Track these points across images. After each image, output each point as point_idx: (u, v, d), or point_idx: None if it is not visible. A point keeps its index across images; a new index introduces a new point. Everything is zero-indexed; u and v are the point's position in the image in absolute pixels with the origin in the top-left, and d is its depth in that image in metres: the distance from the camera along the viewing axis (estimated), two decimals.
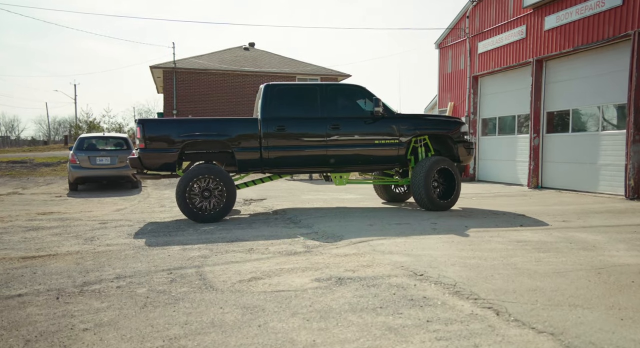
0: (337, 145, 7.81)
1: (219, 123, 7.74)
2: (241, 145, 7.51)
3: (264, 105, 7.64)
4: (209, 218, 7.20)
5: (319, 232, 6.30)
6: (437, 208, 8.02)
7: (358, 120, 7.89)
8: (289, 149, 7.67)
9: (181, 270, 4.48)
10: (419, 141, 8.32)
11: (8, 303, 3.53)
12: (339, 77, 30.65)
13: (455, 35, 17.55)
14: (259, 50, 33.64)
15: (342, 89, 8.06)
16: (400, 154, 8.09)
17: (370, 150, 7.98)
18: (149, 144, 7.30)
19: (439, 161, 7.99)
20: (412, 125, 8.13)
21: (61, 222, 7.45)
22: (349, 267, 4.53)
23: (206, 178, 7.19)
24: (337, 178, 8.26)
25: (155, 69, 27.04)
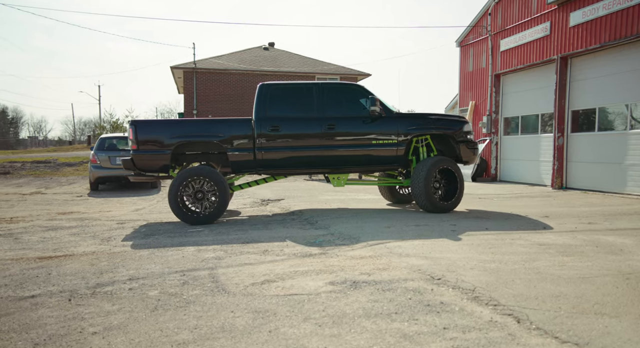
0: (333, 146, 7.60)
1: (211, 124, 7.67)
2: (234, 146, 7.39)
3: (257, 105, 7.54)
4: (201, 220, 7.09)
5: (335, 234, 6.21)
6: (438, 210, 7.74)
7: (355, 120, 7.67)
8: (283, 149, 7.50)
9: (194, 272, 4.43)
10: (421, 141, 8.07)
11: (21, 304, 3.52)
12: (359, 76, 30.48)
13: (477, 33, 17.25)
14: (278, 50, 33.69)
15: (340, 88, 7.84)
16: (399, 155, 7.83)
17: (368, 151, 7.72)
18: (142, 146, 7.24)
19: (439, 161, 7.71)
20: (412, 125, 7.85)
21: (80, 222, 7.51)
22: (365, 270, 4.42)
23: (198, 180, 7.11)
24: (334, 180, 8.00)
25: (176, 70, 27.29)
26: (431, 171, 7.63)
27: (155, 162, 7.30)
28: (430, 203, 7.71)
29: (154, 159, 7.29)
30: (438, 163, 7.70)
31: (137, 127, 7.27)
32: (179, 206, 7.06)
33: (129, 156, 7.33)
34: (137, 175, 7.66)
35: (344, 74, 29.94)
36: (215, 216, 7.16)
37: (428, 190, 7.64)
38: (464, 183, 8.07)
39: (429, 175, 7.62)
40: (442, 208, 7.77)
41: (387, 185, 8.90)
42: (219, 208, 7.15)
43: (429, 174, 7.63)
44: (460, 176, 7.87)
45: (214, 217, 7.15)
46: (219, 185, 7.11)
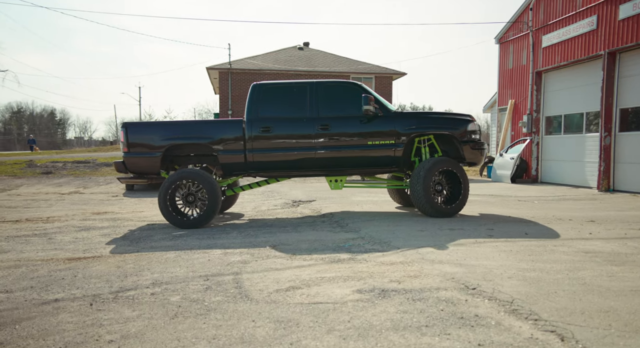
0: (326, 147, 7.29)
1: (201, 125, 7.54)
2: (224, 147, 7.22)
3: (249, 106, 7.35)
4: (190, 224, 6.95)
5: (366, 237, 6.00)
6: (439, 214, 7.32)
7: (351, 120, 7.34)
8: (274, 151, 7.27)
9: (219, 276, 4.32)
10: (423, 141, 7.67)
11: (43, 308, 3.49)
12: (394, 75, 30.06)
13: (517, 29, 16.63)
14: (313, 49, 33.62)
15: (335, 87, 7.52)
16: (397, 156, 7.43)
17: (363, 152, 7.35)
18: (133, 148, 7.18)
19: (440, 162, 7.28)
20: (410, 125, 7.44)
21: (112, 222, 7.57)
22: (394, 278, 4.21)
23: (188, 183, 7.00)
24: (332, 183, 7.69)
25: (211, 70, 27.60)
26: (431, 173, 7.20)
27: (145, 164, 7.22)
28: (430, 207, 7.28)
29: (144, 161, 7.21)
30: (438, 164, 7.25)
31: (127, 129, 7.22)
32: (168, 209, 6.95)
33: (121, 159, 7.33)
34: (127, 178, 7.57)
35: (378, 73, 29.59)
36: (204, 219, 6.98)
37: (427, 193, 7.21)
38: (469, 185, 7.57)
39: (428, 177, 7.18)
40: (444, 212, 7.33)
41: (388, 187, 8.45)
42: (208, 212, 6.97)
43: (428, 175, 7.19)
44: (464, 178, 7.40)
45: (203, 220, 6.98)
46: (208, 188, 6.94)
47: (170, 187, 6.95)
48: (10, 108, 74.44)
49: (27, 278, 4.32)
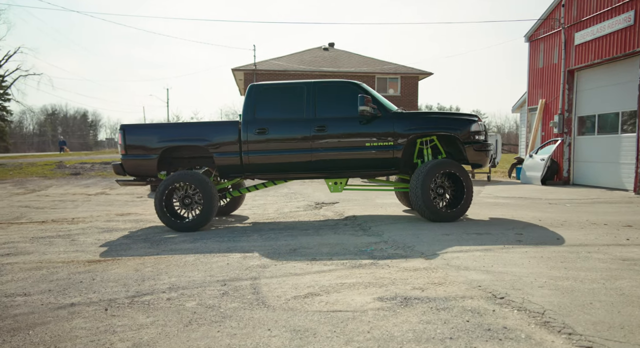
0: (323, 149, 7.10)
1: (197, 127, 7.44)
2: (220, 149, 7.11)
3: (245, 107, 7.23)
4: (186, 226, 6.87)
5: (389, 241, 5.83)
6: (439, 218, 7.02)
7: (349, 121, 7.10)
8: (270, 153, 7.13)
9: (236, 281, 4.23)
10: (425, 142, 7.37)
11: (58, 313, 3.45)
12: (420, 75, 29.68)
13: (548, 27, 16.14)
14: (338, 50, 33.50)
15: (333, 87, 7.31)
16: (395, 157, 7.14)
17: (361, 154, 7.12)
18: (130, 150, 7.15)
19: (441, 164, 6.97)
20: (410, 126, 7.15)
21: (135, 224, 7.59)
22: (418, 285, 4.03)
23: (183, 186, 6.93)
24: (331, 185, 7.49)
25: (237, 72, 27.77)
26: (430, 175, 6.91)
27: (142, 166, 7.18)
28: (429, 211, 6.98)
29: (141, 163, 7.17)
30: (439, 166, 6.96)
31: (125, 131, 7.19)
32: (164, 211, 6.89)
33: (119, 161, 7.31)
34: (125, 180, 7.51)
35: (404, 73, 29.26)
36: (200, 222, 6.89)
37: (426, 196, 6.92)
38: (473, 190, 7.18)
39: (426, 179, 6.89)
40: (444, 217, 7.03)
41: (390, 190, 8.17)
42: (203, 214, 6.88)
43: (427, 178, 6.90)
44: (467, 181, 7.07)
45: (199, 223, 6.89)
46: (203, 191, 6.85)
47: (166, 190, 6.89)
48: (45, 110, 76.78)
49: (46, 281, 4.31)
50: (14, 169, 16.24)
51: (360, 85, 7.36)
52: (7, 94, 54.96)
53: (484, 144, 7.27)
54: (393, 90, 29.27)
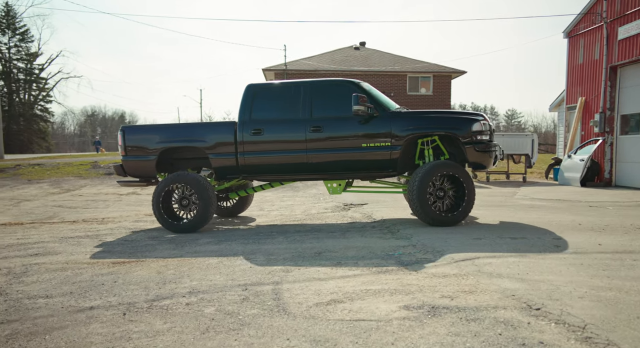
0: (318, 150, 6.93)
1: (194, 128, 7.40)
2: (216, 150, 7.06)
3: (242, 108, 7.12)
4: (182, 228, 6.84)
5: (417, 245, 5.61)
6: (436, 222, 6.69)
7: (345, 121, 6.89)
8: (265, 154, 7.02)
9: (258, 286, 4.12)
10: (427, 143, 7.05)
11: (76, 317, 3.40)
12: (453, 73, 29.11)
13: (589, 21, 15.49)
14: (369, 49, 33.22)
15: (330, 86, 7.10)
16: (393, 158, 6.85)
17: (356, 155, 6.90)
18: (129, 151, 7.21)
19: (439, 166, 6.63)
20: (407, 125, 6.85)
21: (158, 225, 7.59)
22: (447, 293, 3.83)
23: (180, 187, 6.92)
24: (330, 187, 7.28)
25: (267, 72, 27.86)
26: (427, 177, 6.58)
27: (141, 167, 7.21)
28: (425, 214, 6.67)
29: (140, 164, 7.21)
30: (437, 168, 6.62)
31: (125, 132, 7.25)
32: (161, 212, 6.89)
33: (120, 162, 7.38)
34: (126, 181, 7.58)
35: (436, 71, 28.75)
36: (196, 224, 6.86)
37: (422, 199, 6.60)
38: (475, 193, 6.78)
39: (423, 182, 6.58)
40: (441, 221, 6.69)
41: (389, 192, 7.79)
42: (199, 216, 6.84)
43: (424, 180, 6.58)
44: (468, 183, 6.69)
45: (195, 224, 6.86)
46: (199, 192, 6.81)
47: (162, 191, 6.90)
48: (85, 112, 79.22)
49: (69, 282, 4.30)
50: (52, 169, 16.69)
51: (359, 83, 7.14)
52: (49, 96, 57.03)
53: (487, 144, 6.89)
54: (425, 90, 28.80)
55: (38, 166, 17.20)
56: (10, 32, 52.30)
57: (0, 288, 4.13)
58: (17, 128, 52.09)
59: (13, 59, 53.03)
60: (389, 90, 28.18)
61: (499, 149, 7.22)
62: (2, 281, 4.37)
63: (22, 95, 54.92)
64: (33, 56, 54.55)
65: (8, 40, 52.44)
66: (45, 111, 56.84)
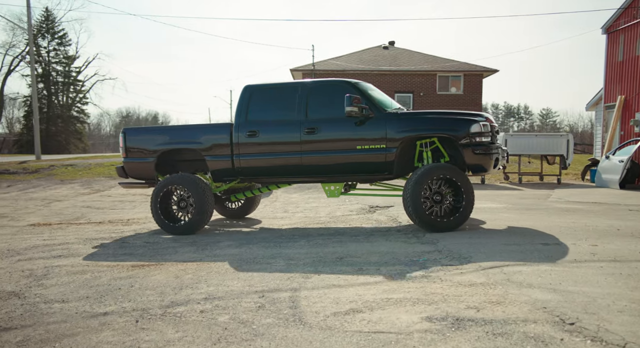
0: (313, 152, 6.77)
1: (190, 130, 7.41)
2: (212, 152, 7.02)
3: (238, 109, 7.05)
4: (180, 230, 6.83)
5: (443, 251, 5.39)
6: (432, 228, 6.38)
7: (340, 123, 6.69)
8: (260, 156, 6.91)
9: (275, 292, 4.00)
10: (425, 145, 6.74)
11: (89, 323, 3.35)
12: (484, 72, 28.47)
13: (630, 16, 14.83)
14: (398, 48, 32.84)
15: (326, 87, 6.92)
16: (388, 161, 6.61)
17: (350, 157, 6.69)
18: (130, 153, 7.30)
19: (435, 169, 6.32)
20: (402, 127, 6.57)
21: None
22: (473, 303, 3.62)
23: (177, 189, 6.93)
24: (328, 190, 7.08)
25: (295, 72, 27.85)
26: (422, 181, 6.29)
27: (141, 168, 7.26)
28: (419, 219, 6.38)
29: (140, 166, 7.26)
30: (433, 171, 6.32)
31: (126, 134, 7.34)
32: (158, 214, 6.91)
33: None
34: (127, 183, 7.64)
35: (467, 70, 28.18)
36: (193, 225, 6.84)
37: (416, 204, 6.30)
38: (474, 196, 6.46)
39: (417, 186, 6.29)
40: (436, 227, 6.38)
41: (387, 196, 7.62)
42: (195, 218, 6.81)
43: (419, 184, 6.29)
44: (466, 187, 6.35)
45: (192, 226, 6.84)
46: (195, 194, 6.78)
47: (160, 193, 6.91)
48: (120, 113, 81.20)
49: (87, 286, 4.28)
50: (83, 169, 17.06)
51: (356, 84, 6.93)
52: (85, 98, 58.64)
53: (487, 146, 6.53)
54: (455, 89, 28.26)
55: (71, 166, 17.62)
56: (49, 36, 53.99)
57: (20, 292, 4.14)
58: (55, 129, 53.71)
59: (52, 62, 54.75)
60: (418, 89, 27.78)
61: (502, 152, 6.87)
62: (22, 284, 4.38)
63: (61, 97, 56.63)
64: (71, 59, 56.19)
65: (47, 44, 54.16)
66: (81, 113, 58.44)
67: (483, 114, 6.80)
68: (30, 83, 34.47)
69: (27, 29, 25.80)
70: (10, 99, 56.15)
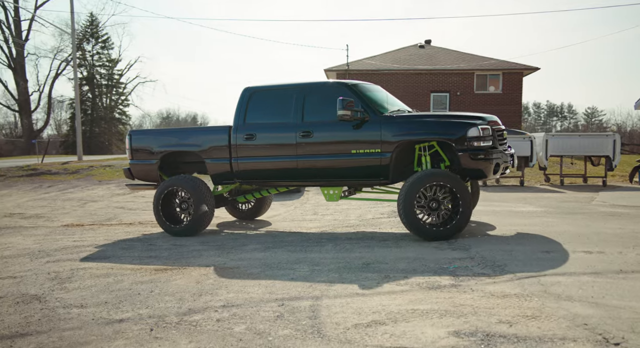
0: (308, 156, 6.62)
1: (191, 132, 7.49)
2: (211, 155, 7.03)
3: (237, 112, 6.99)
4: (180, 231, 6.88)
5: (475, 258, 5.12)
6: (425, 236, 6.06)
7: (336, 126, 6.49)
8: (257, 159, 6.86)
9: (295, 301, 3.85)
10: (424, 149, 6.39)
11: (103, 331, 3.29)
12: (525, 70, 27.58)
13: None
14: (435, 47, 32.24)
15: (322, 89, 6.73)
16: (383, 165, 6.34)
17: (345, 162, 6.49)
18: (135, 155, 7.43)
19: (429, 175, 5.98)
20: (396, 130, 6.26)
21: (213, 229, 7.56)
22: (505, 317, 3.36)
23: (178, 190, 6.97)
24: (327, 194, 6.91)
25: (329, 72, 27.72)
26: (414, 188, 5.98)
27: (145, 171, 7.40)
28: (411, 227, 6.08)
29: (144, 168, 7.40)
30: (426, 177, 5.99)
31: (131, 136, 7.51)
32: (160, 215, 6.99)
33: None
34: (134, 184, 7.77)
35: (506, 69, 27.36)
36: (192, 227, 6.86)
37: (408, 211, 6.01)
38: (470, 203, 6.04)
39: (410, 193, 5.98)
40: (431, 235, 6.04)
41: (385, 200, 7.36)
42: (194, 220, 6.83)
43: (411, 191, 5.98)
44: (462, 194, 5.94)
45: (191, 228, 6.86)
46: (194, 195, 6.80)
47: (161, 195, 6.98)
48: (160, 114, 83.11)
49: (108, 290, 4.25)
50: (120, 170, 17.43)
51: (352, 86, 6.69)
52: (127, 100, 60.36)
53: (486, 150, 6.09)
54: (494, 88, 27.49)
55: (109, 167, 18.05)
56: (93, 40, 55.83)
57: (42, 295, 4.14)
58: (98, 130, 55.45)
59: (95, 65, 56.59)
60: (454, 89, 27.16)
61: (504, 156, 6.38)
62: (46, 287, 4.40)
63: (104, 99, 58.45)
64: (113, 62, 57.93)
65: (92, 47, 56.01)
66: (123, 114, 60.15)
67: (486, 116, 6.37)
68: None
69: (71, 34, 26.68)
70: (57, 102, 58.35)
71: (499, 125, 6.48)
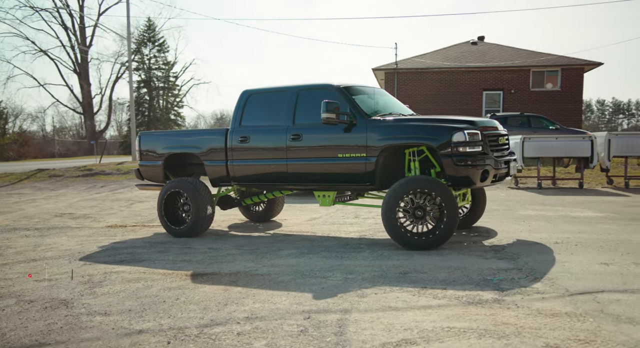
0: (297, 159, 6.56)
1: (190, 134, 7.69)
2: (209, 158, 7.13)
3: (234, 114, 7.07)
4: (180, 233, 6.98)
5: (524, 269, 4.71)
6: (406, 245, 5.74)
7: (324, 129, 6.34)
8: (250, 162, 6.89)
9: (323, 314, 3.63)
10: (413, 154, 6.01)
11: (120, 343, 3.19)
12: (586, 66, 26.02)
13: None
14: (488, 43, 31.06)
15: (314, 92, 6.55)
16: (368, 171, 6.08)
17: (332, 166, 6.35)
18: (143, 156, 7.66)
19: (411, 182, 5.62)
20: (382, 135, 5.95)
21: (251, 231, 7.47)
22: (553, 340, 3.01)
23: (179, 193, 7.03)
24: (320, 198, 6.70)
25: (377, 71, 27.29)
26: (397, 195, 5.64)
27: (152, 172, 7.59)
28: (394, 235, 5.75)
29: (151, 169, 7.59)
30: (410, 184, 5.61)
31: (141, 138, 7.72)
32: (162, 216, 7.13)
33: None
34: (144, 185, 8.00)
35: (565, 64, 25.91)
36: (192, 229, 6.93)
37: (389, 219, 5.68)
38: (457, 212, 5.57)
39: (392, 199, 5.65)
40: (414, 245, 5.65)
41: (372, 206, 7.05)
42: (193, 222, 6.89)
43: (393, 198, 5.65)
44: (448, 202, 5.46)
45: (191, 230, 6.94)
46: (192, 197, 6.86)
47: (164, 196, 7.09)
48: (214, 115, 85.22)
49: (134, 297, 4.19)
50: None
51: (343, 88, 6.41)
52: (182, 101, 62.33)
53: (472, 157, 5.60)
54: (551, 85, 26.10)
55: None
56: (150, 44, 58.01)
57: (70, 300, 4.13)
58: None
59: (152, 69, 58.74)
60: (508, 87, 26.02)
61: (498, 163, 5.81)
62: (77, 291, 4.39)
63: (160, 101, 60.58)
64: (169, 65, 59.95)
65: (149, 51, 58.26)
66: (178, 115, 62.06)
67: (478, 121, 5.92)
68: (134, 88, 37.09)
69: (127, 39, 27.69)
70: (118, 104, 61.09)
71: (495, 130, 6.13)
